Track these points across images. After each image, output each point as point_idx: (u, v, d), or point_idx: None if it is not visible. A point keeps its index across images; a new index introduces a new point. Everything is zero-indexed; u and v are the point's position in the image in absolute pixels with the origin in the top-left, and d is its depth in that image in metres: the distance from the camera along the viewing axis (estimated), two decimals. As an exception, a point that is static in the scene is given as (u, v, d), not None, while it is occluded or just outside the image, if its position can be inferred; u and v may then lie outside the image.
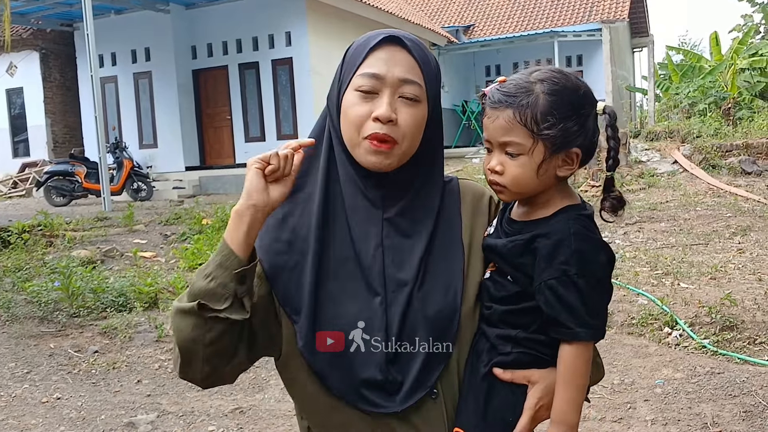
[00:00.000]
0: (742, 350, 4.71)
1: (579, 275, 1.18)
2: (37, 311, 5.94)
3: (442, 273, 1.29)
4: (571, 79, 1.25)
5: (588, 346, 1.21)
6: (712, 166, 12.49)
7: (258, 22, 15.64)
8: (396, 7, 19.34)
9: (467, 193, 1.41)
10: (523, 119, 1.20)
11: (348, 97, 1.26)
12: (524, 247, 1.24)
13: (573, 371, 1.20)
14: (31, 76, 18.76)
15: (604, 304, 1.24)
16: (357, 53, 1.28)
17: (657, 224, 8.87)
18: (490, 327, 1.28)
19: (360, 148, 1.25)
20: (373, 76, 1.24)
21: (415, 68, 1.27)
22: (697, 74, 19.48)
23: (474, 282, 1.32)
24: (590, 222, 1.26)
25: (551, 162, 1.23)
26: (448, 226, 1.34)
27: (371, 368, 1.23)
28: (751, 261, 6.78)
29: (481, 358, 1.28)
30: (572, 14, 22.32)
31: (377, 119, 1.22)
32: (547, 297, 1.19)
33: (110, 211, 11.86)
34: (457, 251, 1.32)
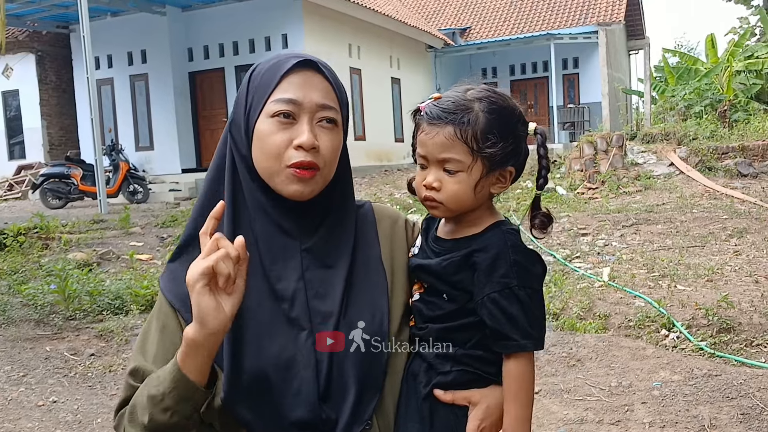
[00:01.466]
0: (739, 352, 4.71)
1: (519, 287, 1.19)
2: (33, 314, 5.93)
3: (366, 300, 1.25)
4: (507, 99, 1.27)
5: (531, 358, 1.22)
6: (708, 169, 12.50)
7: (254, 24, 15.63)
8: (392, 10, 19.36)
9: (383, 217, 1.38)
10: (463, 136, 1.21)
11: (262, 125, 1.19)
12: (460, 264, 1.23)
13: (520, 384, 1.20)
14: (27, 78, 18.73)
15: (543, 314, 1.24)
16: (267, 78, 1.21)
17: (653, 226, 8.87)
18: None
19: (280, 176, 1.19)
20: (289, 102, 1.19)
21: (331, 92, 1.23)
22: (693, 76, 19.52)
23: (398, 304, 1.29)
24: (519, 236, 1.26)
25: (487, 179, 1.25)
26: (367, 251, 1.30)
27: (301, 409, 1.16)
28: (747, 263, 6.79)
29: (419, 379, 1.26)
30: (568, 17, 22.37)
31: (300, 147, 1.17)
32: (490, 310, 1.19)
33: (106, 213, 11.84)
34: (379, 276, 1.29)
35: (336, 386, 1.18)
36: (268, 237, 1.22)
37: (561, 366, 4.62)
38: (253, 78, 1.23)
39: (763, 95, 18.95)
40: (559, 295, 5.98)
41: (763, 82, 18.85)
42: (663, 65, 21.45)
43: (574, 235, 8.65)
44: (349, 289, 1.24)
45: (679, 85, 19.65)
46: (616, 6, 21.72)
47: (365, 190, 13.63)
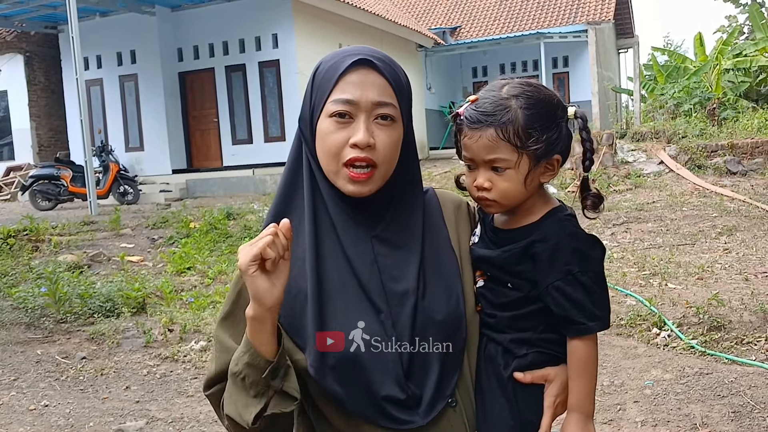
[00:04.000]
0: (730, 350, 4.74)
1: (582, 273, 1.24)
2: (24, 317, 5.90)
3: (440, 280, 1.31)
4: (542, 90, 1.31)
5: (595, 337, 1.27)
6: (698, 167, 12.58)
7: (244, 24, 15.59)
8: (382, 9, 19.36)
9: (447, 203, 1.44)
10: (506, 136, 1.25)
11: (323, 124, 1.25)
12: (521, 255, 1.29)
13: (586, 363, 1.26)
14: (16, 79, 18.60)
15: (606, 295, 1.29)
16: (327, 77, 1.26)
17: (644, 224, 8.92)
18: (498, 333, 1.32)
19: (339, 176, 1.25)
20: (346, 102, 1.23)
21: (388, 89, 1.26)
22: (682, 75, 19.61)
23: (469, 287, 1.35)
24: (576, 221, 1.32)
25: (536, 171, 1.30)
26: (435, 235, 1.36)
27: (389, 385, 1.22)
28: (737, 261, 6.83)
29: (497, 362, 1.31)
30: (558, 16, 22.42)
31: (355, 145, 1.22)
32: (555, 298, 1.25)
33: (97, 215, 11.78)
34: (450, 258, 1.34)
35: (418, 363, 1.24)
36: (342, 224, 1.28)
37: (553, 365, 4.63)
38: (316, 76, 1.29)
39: (751, 93, 19.07)
40: (550, 295, 5.99)
41: (751, 80, 18.97)
42: (652, 64, 21.55)
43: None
44: (423, 271, 1.29)
45: (669, 83, 19.73)
46: (605, 5, 21.79)
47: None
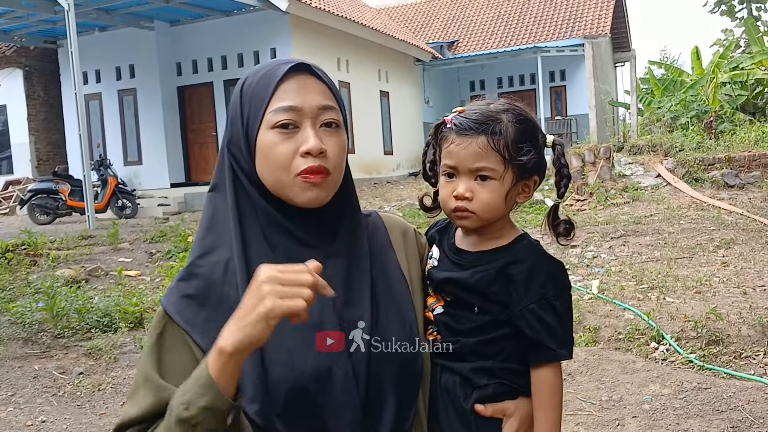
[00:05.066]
0: (729, 364, 4.74)
1: (555, 297, 1.24)
2: (21, 332, 5.88)
3: (392, 306, 1.24)
4: (528, 111, 1.32)
5: (560, 366, 1.26)
6: (695, 180, 12.59)
7: (243, 38, 15.66)
8: (380, 24, 19.46)
9: (393, 227, 1.36)
10: (496, 146, 1.25)
11: (264, 138, 1.16)
12: (495, 276, 1.27)
13: (553, 392, 1.25)
14: (15, 93, 18.65)
15: (572, 323, 1.30)
16: (261, 88, 1.18)
17: (642, 238, 8.92)
18: (458, 362, 1.28)
19: (292, 187, 1.16)
20: (289, 110, 1.15)
21: (329, 93, 1.20)
22: (679, 88, 19.69)
23: (420, 315, 1.29)
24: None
25: (515, 189, 1.30)
26: (384, 259, 1.28)
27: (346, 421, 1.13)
28: (735, 274, 6.83)
29: (456, 393, 1.27)
30: (555, 30, 22.54)
31: (308, 153, 1.14)
32: (529, 321, 1.23)
33: (95, 229, 11.77)
34: (401, 283, 1.28)
35: (374, 397, 1.15)
36: (286, 249, 1.18)
37: (552, 380, 4.62)
38: (245, 91, 1.20)
39: (748, 106, 19.13)
40: (549, 309, 5.99)
41: (748, 93, 19.04)
42: (649, 77, 21.64)
43: (563, 247, 8.68)
44: (375, 296, 1.22)
45: (666, 96, 19.80)
46: (602, 19, 21.93)
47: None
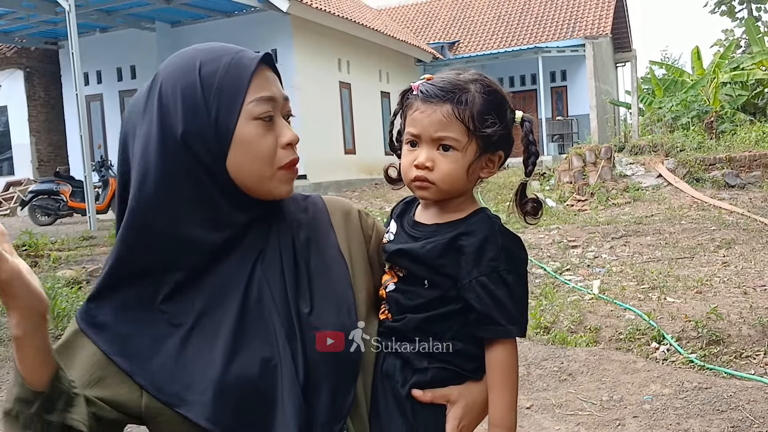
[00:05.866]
0: (729, 364, 4.73)
1: (507, 271, 1.18)
2: (22, 333, 5.88)
3: (329, 289, 1.20)
4: (497, 84, 1.27)
5: (515, 345, 1.20)
6: (696, 180, 12.59)
7: (243, 39, 15.66)
8: (381, 24, 19.47)
9: (335, 208, 1.33)
10: (461, 115, 1.20)
11: (246, 129, 1.11)
12: (446, 247, 1.21)
13: (506, 371, 1.19)
14: (16, 94, 18.68)
15: (527, 300, 1.24)
16: (233, 78, 1.11)
17: (642, 238, 8.92)
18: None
19: (272, 180, 1.14)
20: (269, 100, 1.13)
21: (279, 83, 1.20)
22: (680, 88, 19.69)
23: (362, 296, 1.24)
24: None
25: (479, 162, 1.24)
26: (322, 241, 1.25)
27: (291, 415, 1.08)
28: (735, 274, 6.83)
29: (395, 378, 1.21)
30: (556, 30, 22.55)
31: (290, 145, 1.15)
32: (478, 294, 1.17)
33: (96, 230, 11.77)
34: (340, 265, 1.23)
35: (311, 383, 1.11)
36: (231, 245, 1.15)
37: (552, 380, 4.62)
38: (206, 79, 1.11)
39: (749, 106, 19.12)
40: (549, 309, 5.99)
41: (748, 93, 19.03)
42: (650, 77, 21.63)
43: (564, 247, 8.68)
44: (311, 281, 1.19)
45: (666, 96, 19.79)
46: (602, 19, 21.94)
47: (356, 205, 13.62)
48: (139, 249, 1.11)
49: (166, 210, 1.10)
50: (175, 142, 1.10)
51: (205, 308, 1.12)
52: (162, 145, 1.10)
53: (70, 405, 1.02)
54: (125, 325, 1.10)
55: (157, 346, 1.09)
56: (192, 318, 1.11)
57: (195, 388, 1.07)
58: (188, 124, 1.10)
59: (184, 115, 1.10)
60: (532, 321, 5.70)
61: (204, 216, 1.12)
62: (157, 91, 1.13)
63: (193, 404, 1.06)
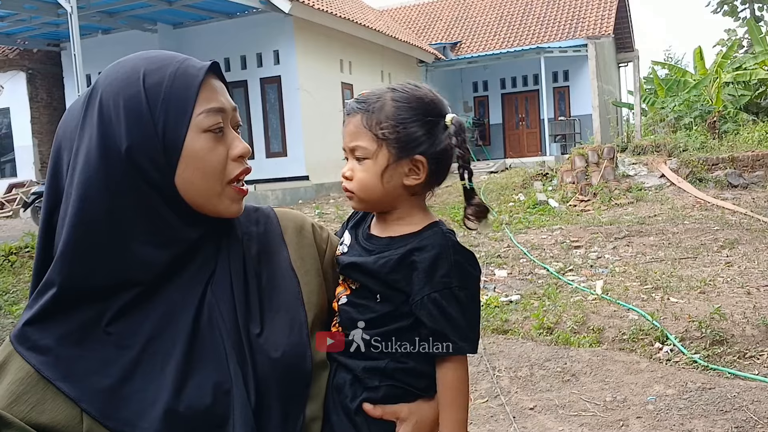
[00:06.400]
0: (733, 364, 4.72)
1: (459, 288, 1.16)
2: (25, 335, 5.89)
3: (280, 310, 1.16)
4: (422, 89, 1.25)
5: (465, 362, 1.19)
6: (699, 180, 12.57)
7: (246, 40, 15.68)
8: (383, 25, 19.48)
9: (287, 222, 1.29)
10: (368, 124, 1.21)
11: (196, 142, 1.06)
12: (398, 262, 1.19)
13: (457, 388, 1.17)
14: (18, 96, 18.70)
15: (479, 317, 1.22)
16: (180, 89, 1.06)
17: (646, 238, 8.90)
18: (352, 359, 1.21)
19: (221, 197, 1.10)
20: (219, 111, 1.08)
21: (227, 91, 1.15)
22: (683, 88, 19.67)
23: (313, 314, 1.21)
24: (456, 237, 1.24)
25: (396, 168, 1.21)
26: (273, 256, 1.21)
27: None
28: (739, 274, 6.81)
29: (345, 393, 1.20)
30: (558, 30, 22.53)
31: (241, 157, 1.10)
32: (430, 311, 1.16)
33: (98, 231, 11.78)
34: (291, 283, 1.19)
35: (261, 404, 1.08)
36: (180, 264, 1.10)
37: (556, 381, 4.61)
38: (150, 90, 1.05)
39: (751, 106, 19.10)
40: (552, 309, 5.98)
41: (751, 93, 19.01)
42: (652, 77, 21.61)
43: (567, 247, 8.67)
44: (262, 300, 1.15)
45: (669, 96, 19.79)
46: (604, 19, 21.91)
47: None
48: (83, 268, 1.03)
49: (111, 227, 1.04)
50: (118, 156, 1.03)
51: (154, 331, 1.06)
52: (104, 160, 1.03)
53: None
54: (68, 349, 1.03)
55: (103, 369, 1.03)
56: (141, 341, 1.05)
57: (145, 414, 1.02)
58: (133, 138, 1.03)
59: (128, 129, 1.03)
60: (535, 321, 5.69)
61: (151, 233, 1.06)
62: (96, 102, 1.05)
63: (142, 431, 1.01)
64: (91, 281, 1.04)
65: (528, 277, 7.41)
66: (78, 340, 1.03)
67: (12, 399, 1.00)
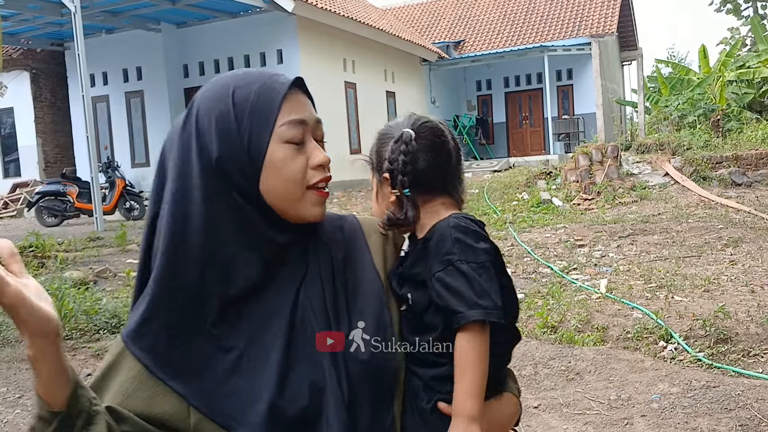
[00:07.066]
0: (737, 363, 4.72)
1: (462, 261, 1.19)
2: (30, 334, 5.89)
3: (367, 311, 1.22)
4: (400, 119, 1.35)
5: (482, 331, 1.18)
6: (703, 178, 12.56)
7: (249, 40, 15.69)
8: (386, 24, 19.47)
9: (371, 229, 1.35)
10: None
11: (277, 152, 1.14)
12: (418, 256, 1.26)
13: (466, 356, 1.18)
14: (22, 96, 18.74)
15: (494, 288, 1.20)
16: (265, 103, 1.15)
17: (650, 237, 8.89)
18: (419, 366, 1.25)
19: (303, 201, 1.17)
20: (300, 123, 1.16)
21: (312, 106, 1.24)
22: (686, 87, 19.65)
23: (397, 317, 1.26)
24: (471, 220, 1.27)
25: (383, 189, 1.33)
26: (358, 261, 1.27)
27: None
28: (743, 273, 6.80)
29: (420, 397, 1.24)
30: (562, 29, 22.50)
31: (320, 166, 1.17)
32: (437, 289, 1.19)
33: (103, 230, 11.81)
34: (376, 285, 1.25)
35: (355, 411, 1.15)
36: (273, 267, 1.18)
37: (560, 380, 4.61)
38: (238, 104, 1.15)
39: (755, 104, 19.07)
40: (556, 308, 5.98)
41: (754, 92, 18.98)
42: (656, 76, 21.58)
43: (571, 246, 8.66)
44: (349, 302, 1.22)
45: (673, 95, 19.76)
46: (608, 18, 21.88)
47: (361, 204, 13.65)
48: (184, 272, 1.12)
49: (210, 232, 1.13)
50: (210, 166, 1.13)
51: (254, 331, 1.15)
52: (201, 169, 1.13)
53: (89, 424, 1.02)
54: (175, 349, 1.12)
55: (209, 368, 1.12)
56: (243, 341, 1.14)
57: (250, 410, 1.10)
58: (222, 150, 1.13)
59: (219, 141, 1.14)
60: (539, 320, 5.69)
61: (242, 237, 1.15)
62: (194, 116, 1.17)
63: (247, 426, 1.10)
64: (192, 284, 1.12)
65: (532, 276, 7.41)
66: (185, 340, 1.13)
67: (126, 396, 1.11)
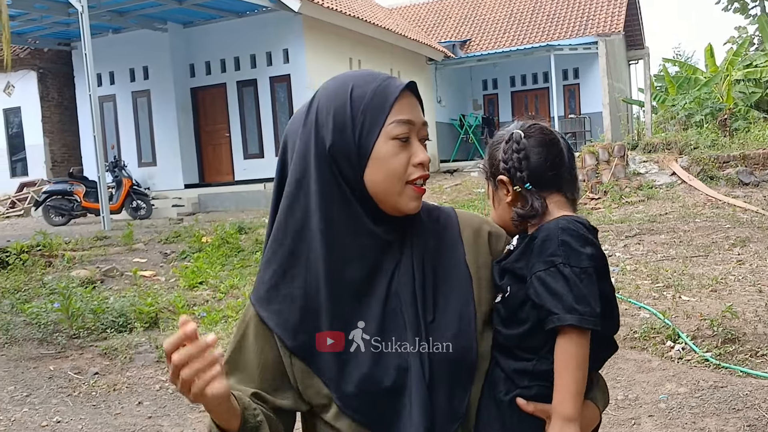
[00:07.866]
0: (745, 363, 4.70)
1: (565, 264, 1.21)
2: (37, 333, 5.92)
3: (452, 301, 1.30)
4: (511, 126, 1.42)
5: (581, 336, 1.20)
6: (710, 178, 12.50)
7: (256, 39, 15.71)
8: (392, 23, 19.46)
9: (466, 223, 1.41)
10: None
11: (384, 147, 1.26)
12: (522, 252, 1.30)
13: (566, 359, 1.20)
14: (29, 95, 18.80)
15: (593, 294, 1.22)
16: (379, 102, 1.27)
17: (657, 236, 8.87)
18: (505, 358, 1.29)
19: (401, 194, 1.27)
20: (407, 123, 1.27)
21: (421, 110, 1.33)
22: (693, 86, 19.58)
23: (482, 310, 1.32)
24: (582, 224, 1.29)
25: (498, 193, 1.41)
26: (450, 253, 1.35)
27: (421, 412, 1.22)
28: (750, 272, 6.78)
29: (499, 388, 1.28)
30: (568, 28, 22.45)
31: (421, 165, 1.27)
32: (536, 288, 1.22)
33: (109, 230, 11.84)
34: (463, 275, 1.33)
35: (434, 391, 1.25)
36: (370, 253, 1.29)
37: (566, 379, 4.60)
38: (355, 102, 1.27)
39: (762, 104, 19.00)
40: (563, 308, 5.96)
41: (762, 91, 18.91)
42: (663, 75, 21.51)
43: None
44: (436, 291, 1.30)
45: (680, 94, 19.71)
46: (615, 17, 21.81)
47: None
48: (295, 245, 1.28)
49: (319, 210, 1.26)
50: (323, 152, 1.26)
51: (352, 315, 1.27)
52: (316, 155, 1.27)
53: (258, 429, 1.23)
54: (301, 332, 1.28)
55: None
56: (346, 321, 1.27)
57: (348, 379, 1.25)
58: (335, 140, 1.26)
59: (333, 131, 1.26)
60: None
61: (349, 222, 1.27)
62: (315, 108, 1.29)
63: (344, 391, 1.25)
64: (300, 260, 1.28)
65: (538, 276, 7.38)
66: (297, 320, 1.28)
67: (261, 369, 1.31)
